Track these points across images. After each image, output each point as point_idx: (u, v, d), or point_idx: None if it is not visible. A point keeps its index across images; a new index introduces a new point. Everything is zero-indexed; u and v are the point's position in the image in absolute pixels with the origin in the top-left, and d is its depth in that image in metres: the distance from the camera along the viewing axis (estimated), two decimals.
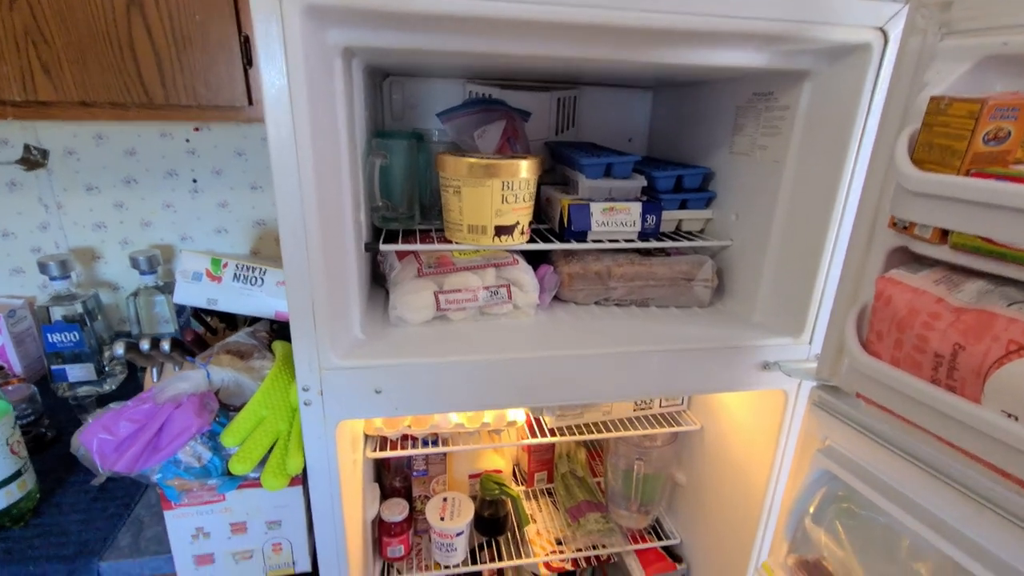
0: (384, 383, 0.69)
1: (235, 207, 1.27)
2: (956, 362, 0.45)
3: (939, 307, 0.47)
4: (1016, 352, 0.41)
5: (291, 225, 0.59)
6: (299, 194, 0.59)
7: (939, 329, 0.46)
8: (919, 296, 0.48)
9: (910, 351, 0.49)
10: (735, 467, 0.97)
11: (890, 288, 0.51)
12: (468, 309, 0.81)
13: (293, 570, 0.80)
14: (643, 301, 0.90)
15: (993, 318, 0.43)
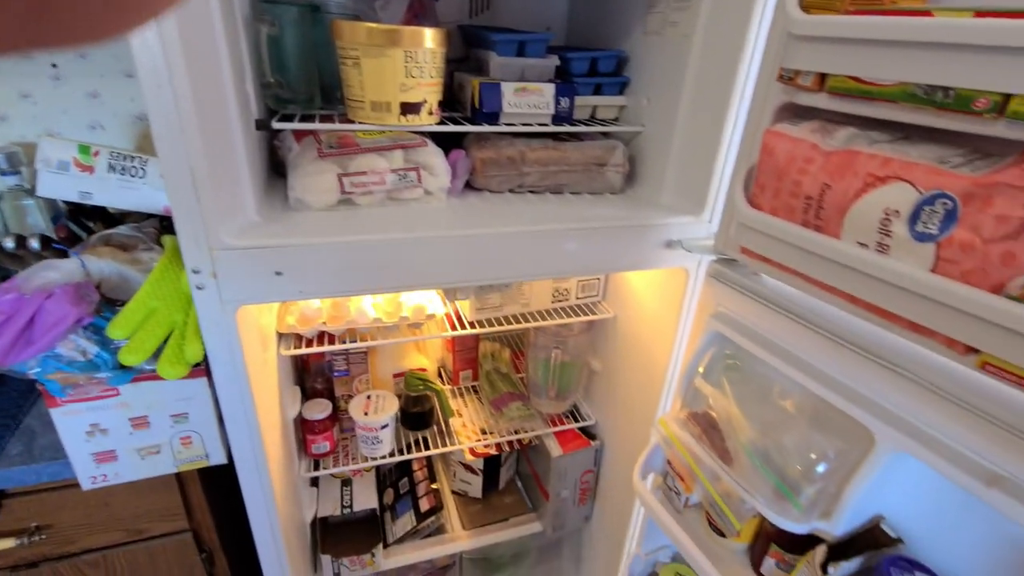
0: (285, 265, 0.66)
1: (108, 99, 1.11)
2: (823, 201, 0.49)
3: (813, 152, 0.50)
4: (872, 184, 0.45)
5: (154, 78, 0.53)
6: (161, 48, 0.51)
7: (811, 172, 0.49)
8: (797, 145, 0.51)
9: (786, 198, 0.53)
10: (643, 348, 1.04)
11: (773, 140, 0.53)
12: (375, 193, 0.77)
13: (207, 462, 0.79)
14: (557, 187, 0.90)
15: (856, 156, 0.46)
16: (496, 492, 1.37)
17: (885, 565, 0.56)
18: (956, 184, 0.41)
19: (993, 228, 0.39)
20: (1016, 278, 0.40)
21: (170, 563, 0.93)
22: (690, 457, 0.73)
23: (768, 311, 0.69)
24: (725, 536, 0.76)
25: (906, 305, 0.46)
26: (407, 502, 1.27)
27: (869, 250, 0.46)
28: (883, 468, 0.55)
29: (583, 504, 1.28)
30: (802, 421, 0.63)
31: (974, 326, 0.42)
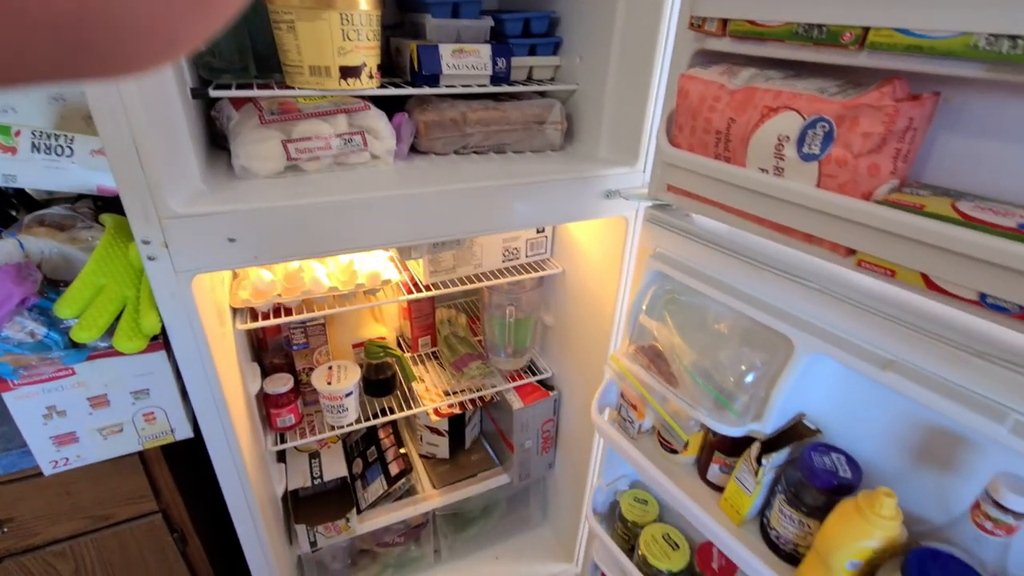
0: (237, 231, 0.66)
1: None
2: (730, 134, 0.55)
3: (720, 91, 0.56)
4: (767, 115, 0.51)
5: None
6: None
7: (719, 109, 0.56)
8: (707, 86, 0.57)
9: (700, 134, 0.59)
10: (592, 298, 1.10)
11: (687, 83, 0.59)
12: (322, 159, 0.78)
13: (173, 437, 0.79)
14: (500, 147, 0.94)
15: (754, 92, 0.53)
16: (463, 452, 1.42)
17: (807, 451, 0.65)
18: (831, 109, 0.48)
19: (861, 144, 0.46)
20: (881, 186, 0.47)
21: (141, 547, 0.93)
22: (640, 386, 0.80)
23: (699, 246, 0.76)
24: (676, 452, 0.85)
25: (800, 219, 0.54)
26: (376, 469, 1.31)
27: (768, 174, 0.54)
28: (802, 370, 0.63)
29: (546, 452, 1.35)
30: (734, 340, 0.71)
31: (850, 230, 0.50)
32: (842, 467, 0.64)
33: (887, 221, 0.47)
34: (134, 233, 0.62)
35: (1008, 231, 0.41)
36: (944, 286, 0.47)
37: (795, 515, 0.66)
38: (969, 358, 0.49)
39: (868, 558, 0.57)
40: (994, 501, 0.49)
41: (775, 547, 0.70)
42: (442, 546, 1.41)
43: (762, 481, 0.69)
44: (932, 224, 0.44)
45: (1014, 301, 0.43)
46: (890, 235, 0.47)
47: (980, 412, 0.48)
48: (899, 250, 0.48)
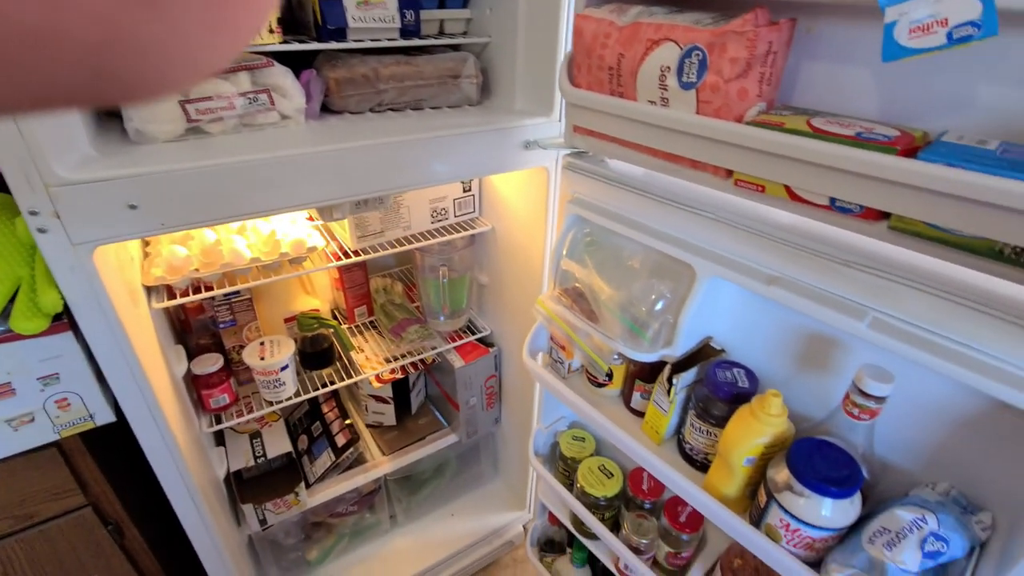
0: (138, 197, 0.63)
1: None
2: (620, 69, 0.58)
3: (610, 28, 0.59)
4: (650, 48, 0.54)
5: None
6: None
7: (610, 46, 0.59)
8: (599, 24, 0.60)
9: (596, 72, 0.62)
10: (521, 251, 1.13)
11: (581, 23, 0.62)
12: (226, 120, 0.75)
13: (93, 423, 0.75)
14: (416, 103, 0.93)
15: (639, 27, 0.56)
16: (410, 417, 1.44)
17: (711, 368, 0.71)
18: (703, 37, 0.52)
19: (730, 70, 0.51)
20: (750, 109, 0.52)
21: (73, 543, 0.89)
22: (565, 325, 0.84)
23: (612, 189, 0.80)
24: (602, 386, 0.90)
25: (685, 146, 0.59)
26: (322, 442, 1.30)
27: (656, 105, 0.58)
28: (704, 294, 0.69)
29: (491, 408, 1.39)
30: (645, 273, 0.76)
31: (726, 151, 0.56)
32: (741, 379, 0.71)
33: (754, 140, 0.52)
34: (19, 204, 0.57)
35: (848, 139, 0.47)
36: (803, 195, 0.53)
37: (704, 427, 0.73)
38: (837, 267, 0.55)
39: (760, 453, 0.64)
40: (859, 390, 0.56)
41: (690, 459, 0.77)
42: (397, 510, 1.43)
43: (675, 400, 0.75)
44: (790, 139, 0.50)
45: (856, 201, 0.49)
46: (758, 152, 0.53)
47: (845, 313, 0.54)
48: (766, 166, 0.53)
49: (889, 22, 0.42)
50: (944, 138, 0.46)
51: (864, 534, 0.56)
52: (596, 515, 0.95)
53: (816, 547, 0.60)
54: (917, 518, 0.53)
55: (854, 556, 0.56)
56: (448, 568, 1.40)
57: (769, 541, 0.63)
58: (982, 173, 0.40)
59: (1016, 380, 0.45)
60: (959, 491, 0.57)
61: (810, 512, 0.58)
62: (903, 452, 0.64)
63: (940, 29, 0.40)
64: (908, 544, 0.52)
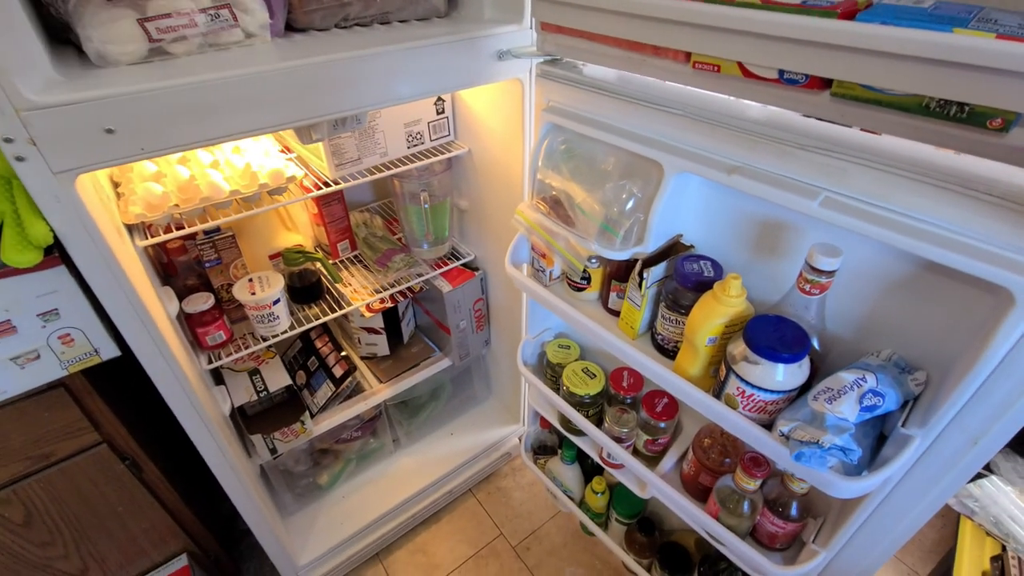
0: (114, 120, 0.61)
1: None
2: None
3: None
4: None
5: None
6: None
7: None
8: None
9: None
10: (500, 170, 1.14)
11: None
12: (190, 39, 0.72)
13: (99, 357, 0.76)
14: (383, 17, 0.90)
15: None
16: (402, 346, 1.48)
17: (679, 261, 0.76)
18: None
19: None
20: None
21: (94, 479, 0.92)
22: (543, 231, 0.87)
23: (585, 93, 0.81)
24: (582, 290, 0.95)
25: (647, 32, 0.62)
26: (320, 375, 1.34)
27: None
28: (672, 190, 0.72)
29: (481, 330, 1.44)
30: (616, 175, 0.79)
31: (683, 32, 0.59)
32: (707, 270, 0.76)
33: (707, 16, 0.55)
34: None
35: (793, 7, 0.50)
36: (754, 71, 0.56)
37: (673, 316, 0.78)
38: (793, 151, 0.59)
39: (721, 332, 0.70)
40: (811, 267, 0.60)
41: (662, 348, 0.83)
42: (399, 434, 1.50)
43: (647, 295, 0.80)
44: (740, 12, 0.53)
45: (801, 70, 0.53)
46: (712, 30, 0.56)
47: (799, 194, 0.58)
48: (720, 44, 0.56)
49: None
50: (882, 1, 0.49)
51: (810, 394, 0.62)
52: (581, 412, 1.02)
53: (768, 410, 0.67)
54: (858, 378, 0.59)
55: (799, 412, 0.61)
56: (451, 481, 1.50)
57: (728, 408, 0.69)
58: (906, 28, 0.44)
59: (947, 242, 0.50)
60: (900, 356, 0.63)
61: (762, 377, 0.64)
62: (852, 326, 0.69)
63: None
64: (848, 399, 0.58)
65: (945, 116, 0.47)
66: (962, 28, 0.43)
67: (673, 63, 0.63)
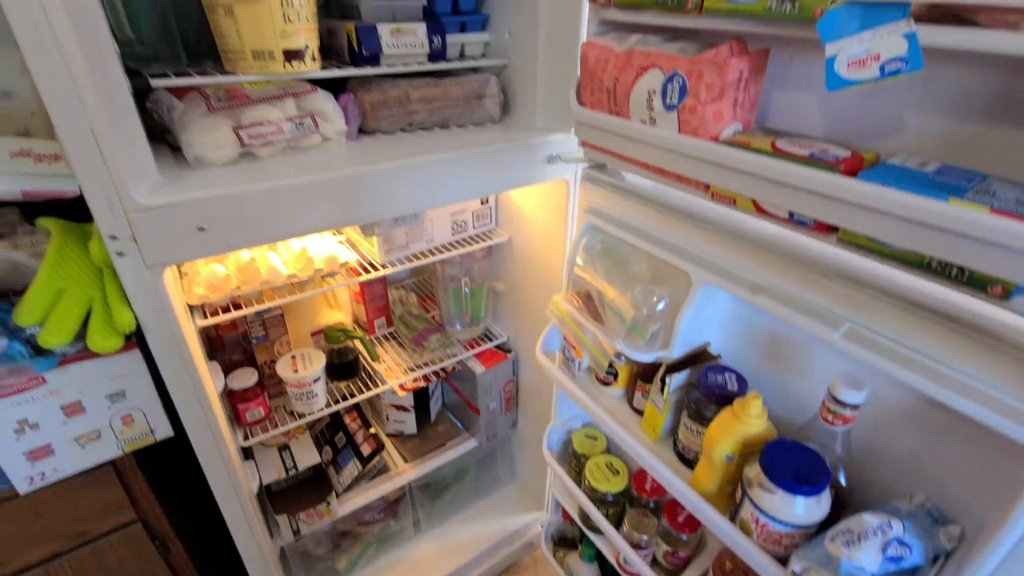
0: (206, 219, 0.67)
1: None
2: (616, 91, 0.66)
3: (609, 55, 0.66)
4: (640, 73, 0.62)
5: (36, 36, 0.51)
6: (43, 13, 0.50)
7: (608, 70, 0.66)
8: (602, 50, 0.68)
9: (597, 93, 0.70)
10: (539, 260, 1.18)
11: (587, 49, 0.70)
12: (275, 144, 0.79)
13: (153, 438, 0.78)
14: (443, 122, 0.98)
15: (633, 54, 0.64)
16: (429, 425, 1.47)
17: (704, 372, 0.76)
18: (683, 65, 0.59)
19: (706, 94, 0.58)
20: (726, 129, 0.60)
21: (122, 559, 0.90)
22: (574, 324, 0.90)
23: (624, 199, 0.85)
24: (608, 385, 0.95)
25: (670, 161, 0.65)
26: (348, 452, 1.32)
27: (645, 124, 0.65)
28: (699, 300, 0.73)
29: (509, 412, 1.44)
30: (647, 279, 0.82)
31: (702, 167, 0.62)
32: (731, 383, 0.75)
33: (722, 157, 0.58)
34: (101, 230, 0.61)
35: (802, 159, 0.53)
36: (767, 208, 0.59)
37: (695, 427, 0.77)
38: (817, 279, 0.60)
39: (739, 451, 0.68)
40: (833, 397, 0.59)
41: (682, 457, 0.82)
42: (420, 516, 1.46)
43: (669, 400, 0.80)
44: (753, 157, 0.56)
45: (808, 215, 0.55)
46: (728, 169, 0.59)
47: (823, 322, 0.58)
48: (735, 181, 0.59)
49: (830, 56, 0.46)
50: (890, 159, 0.52)
51: (829, 533, 0.58)
52: (601, 510, 0.99)
53: (784, 543, 0.63)
54: (883, 523, 0.55)
55: (814, 551, 0.58)
56: (471, 571, 1.43)
57: (741, 534, 0.66)
58: (903, 191, 0.45)
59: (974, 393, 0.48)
60: (934, 504, 0.60)
61: (777, 507, 0.61)
62: (883, 463, 0.66)
63: (874, 64, 0.45)
64: (869, 545, 0.54)
65: (947, 276, 0.47)
66: (958, 198, 0.43)
67: (695, 190, 0.67)
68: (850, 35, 0.45)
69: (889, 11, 0.44)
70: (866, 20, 0.45)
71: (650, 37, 0.67)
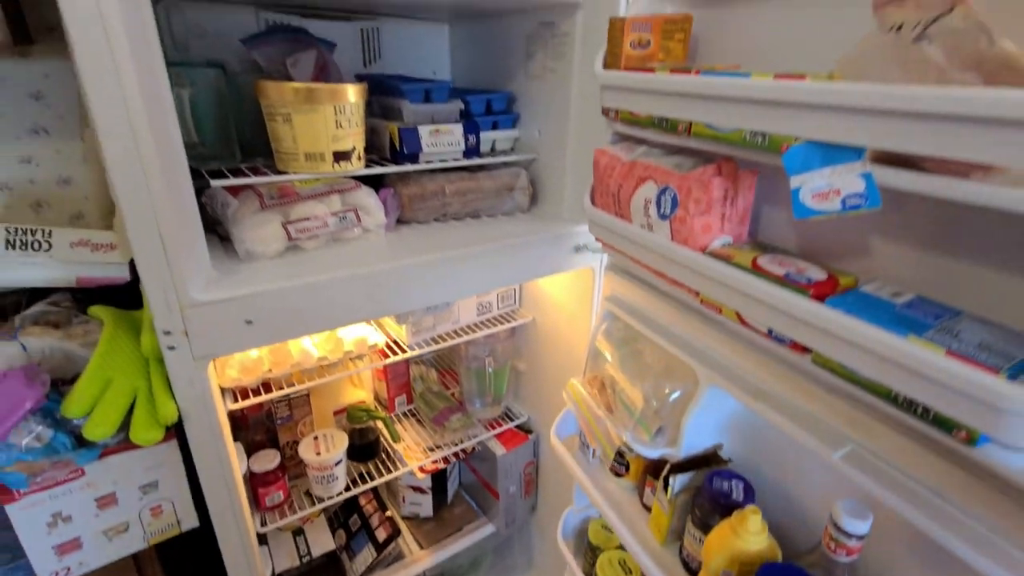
0: (254, 313, 0.69)
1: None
2: (620, 196, 0.71)
3: (616, 162, 0.72)
4: (639, 183, 0.68)
5: (123, 155, 0.55)
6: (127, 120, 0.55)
7: (614, 177, 0.72)
8: (611, 158, 0.74)
9: (605, 196, 0.76)
10: (562, 341, 1.19)
11: (598, 155, 0.76)
12: (320, 237, 0.83)
13: (179, 529, 0.76)
14: (475, 213, 1.03)
15: (635, 165, 0.69)
16: (446, 507, 1.43)
17: (708, 477, 0.74)
18: (675, 180, 0.63)
19: (694, 208, 0.61)
20: (715, 241, 0.63)
21: None
22: (587, 411, 0.90)
23: (641, 290, 0.87)
24: (621, 476, 0.93)
25: (664, 265, 0.68)
26: (362, 537, 1.28)
27: (644, 229, 0.69)
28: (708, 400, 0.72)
29: (528, 496, 1.40)
30: (658, 371, 0.81)
31: (689, 275, 0.64)
32: (737, 491, 0.72)
33: (707, 268, 0.60)
34: (156, 324, 0.63)
35: (776, 278, 0.54)
36: (749, 321, 0.59)
37: (699, 535, 0.73)
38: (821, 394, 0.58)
39: (737, 568, 0.64)
40: (836, 525, 0.55)
41: (687, 565, 0.78)
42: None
43: (674, 501, 0.77)
44: (733, 272, 0.57)
45: (783, 334, 0.55)
46: (711, 279, 0.61)
47: (822, 440, 0.55)
48: (719, 292, 0.61)
49: (795, 187, 0.48)
50: (865, 286, 0.52)
51: None
52: None
53: None
54: None
55: None
56: None
57: None
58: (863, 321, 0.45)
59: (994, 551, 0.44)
60: None
61: None
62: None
63: (835, 197, 0.46)
64: None
65: (913, 412, 0.46)
66: (917, 336, 0.43)
67: (686, 295, 0.69)
68: (812, 169, 0.47)
69: (847, 152, 0.46)
70: (827, 157, 0.47)
71: (654, 149, 0.73)
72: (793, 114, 0.49)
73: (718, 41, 0.72)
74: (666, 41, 0.70)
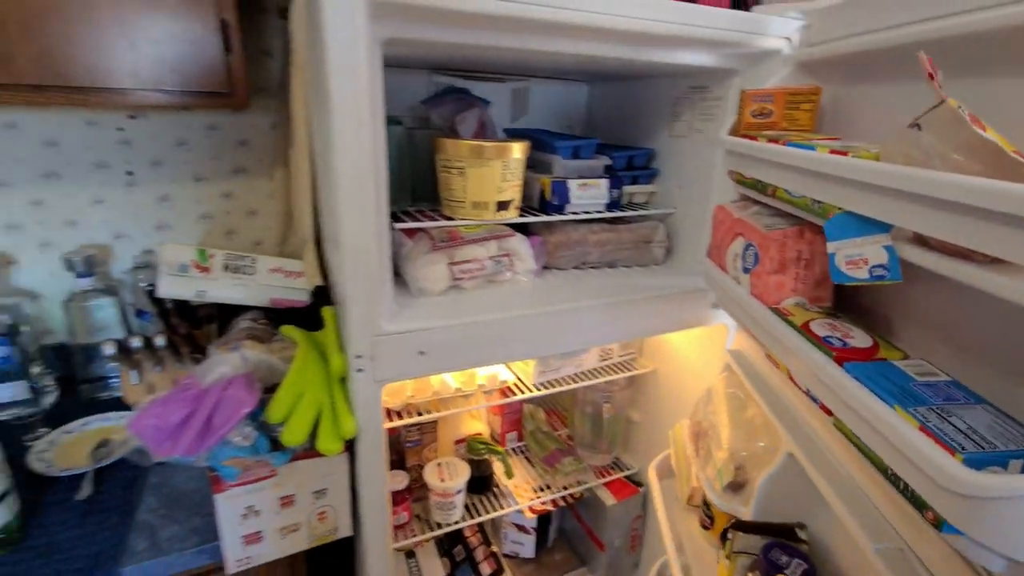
0: (426, 345, 0.76)
1: (178, 201, 1.20)
2: (721, 249, 0.76)
3: (726, 217, 0.76)
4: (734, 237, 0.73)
5: (359, 204, 0.65)
6: (369, 173, 0.65)
7: (721, 231, 0.77)
8: (725, 214, 0.77)
9: (715, 249, 0.80)
10: (684, 396, 1.17)
11: (717, 211, 0.80)
12: (478, 278, 0.90)
13: (335, 535, 0.83)
14: (612, 263, 1.06)
15: (736, 221, 0.73)
16: (546, 550, 1.42)
17: (766, 547, 0.69)
18: (757, 238, 0.67)
19: (770, 266, 0.64)
20: (787, 299, 0.65)
21: None
22: (681, 452, 0.88)
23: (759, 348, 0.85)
24: (707, 528, 0.90)
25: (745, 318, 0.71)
26: (466, 570, 1.30)
27: (734, 282, 0.73)
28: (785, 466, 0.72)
29: (633, 551, 1.36)
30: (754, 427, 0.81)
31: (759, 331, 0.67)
32: (794, 570, 0.67)
33: (766, 321, 0.64)
34: (350, 349, 0.72)
35: (814, 339, 0.56)
36: (797, 381, 0.63)
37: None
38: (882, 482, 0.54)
39: None
40: None
41: None
42: None
43: (733, 559, 0.74)
44: (783, 328, 0.61)
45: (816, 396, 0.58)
46: (770, 335, 0.64)
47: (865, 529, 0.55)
48: (776, 348, 0.64)
49: (830, 252, 0.52)
50: (904, 361, 0.53)
51: None
52: None
53: None
54: None
55: None
56: None
57: None
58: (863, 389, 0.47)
59: None
60: None
61: None
62: None
63: (864, 266, 0.49)
64: None
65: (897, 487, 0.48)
66: (903, 409, 0.45)
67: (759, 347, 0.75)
68: (848, 238, 0.51)
69: (877, 225, 0.49)
70: (860, 228, 0.50)
71: (764, 210, 0.76)
72: (834, 186, 0.54)
73: (857, 113, 0.75)
74: (791, 111, 0.76)
